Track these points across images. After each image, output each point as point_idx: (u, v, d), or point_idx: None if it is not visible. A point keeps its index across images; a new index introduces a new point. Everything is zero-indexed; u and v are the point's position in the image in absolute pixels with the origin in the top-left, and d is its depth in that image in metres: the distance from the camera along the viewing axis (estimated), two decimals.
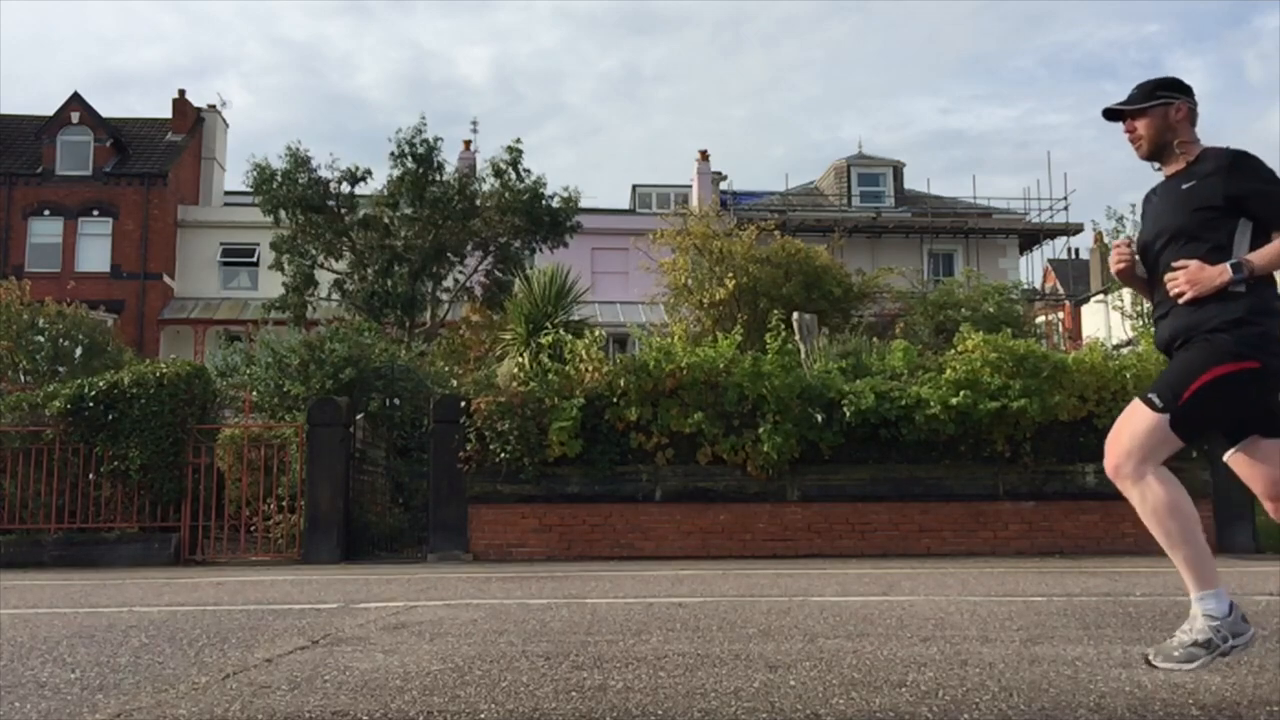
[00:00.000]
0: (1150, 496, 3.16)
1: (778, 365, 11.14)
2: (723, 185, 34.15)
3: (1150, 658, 3.27)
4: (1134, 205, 35.59)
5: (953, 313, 17.94)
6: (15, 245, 30.58)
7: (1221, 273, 3.18)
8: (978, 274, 21.68)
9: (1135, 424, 3.20)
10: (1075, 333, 33.71)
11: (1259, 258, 3.17)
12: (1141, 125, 3.40)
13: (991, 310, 18.01)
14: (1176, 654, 3.18)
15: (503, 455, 11.01)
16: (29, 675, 3.72)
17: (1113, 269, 3.50)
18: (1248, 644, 3.16)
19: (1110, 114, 3.48)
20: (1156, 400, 3.17)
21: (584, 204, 24.41)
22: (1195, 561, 3.14)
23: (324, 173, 22.35)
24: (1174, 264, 3.27)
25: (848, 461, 11.24)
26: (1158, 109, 3.38)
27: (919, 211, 32.70)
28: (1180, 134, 3.37)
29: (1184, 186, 3.31)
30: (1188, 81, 3.46)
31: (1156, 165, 3.47)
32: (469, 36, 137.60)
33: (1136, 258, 3.47)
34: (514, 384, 11.49)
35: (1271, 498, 3.29)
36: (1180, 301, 3.25)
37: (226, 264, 32.14)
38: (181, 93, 34.38)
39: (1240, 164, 3.25)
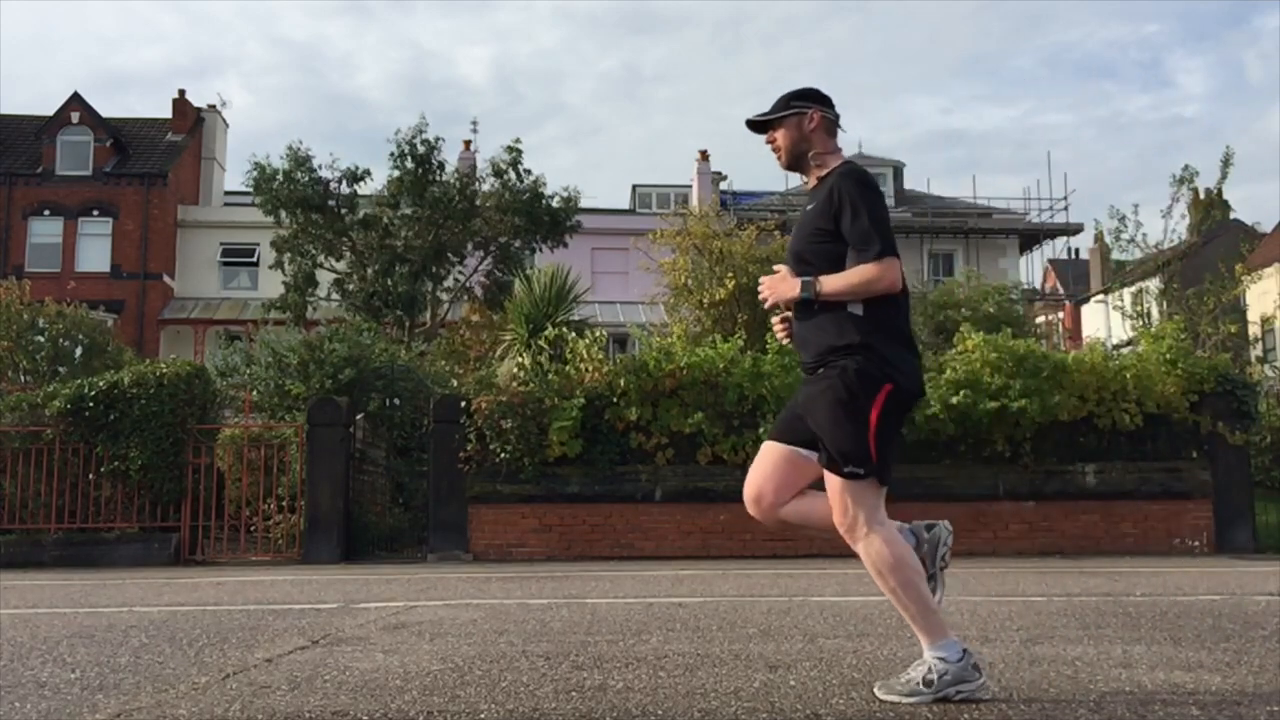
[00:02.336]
0: (881, 556, 3.04)
1: (778, 365, 11.14)
2: (723, 185, 34.15)
3: (876, 689, 3.18)
4: (1136, 205, 35.71)
5: (953, 313, 17.91)
6: (15, 245, 30.57)
7: (793, 287, 3.12)
8: (978, 274, 21.63)
9: (841, 494, 3.07)
10: (1075, 333, 33.73)
11: (830, 281, 3.06)
12: (779, 136, 3.28)
13: (991, 310, 17.99)
14: (899, 688, 3.06)
15: (503, 455, 11.01)
16: (29, 675, 3.72)
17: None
18: (975, 691, 3.03)
19: (752, 125, 3.38)
20: (859, 470, 3.04)
21: (584, 204, 24.41)
22: (923, 612, 3.05)
23: (324, 172, 22.36)
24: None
25: None
26: (792, 119, 3.25)
27: (919, 211, 32.69)
28: (815, 145, 3.24)
29: (809, 206, 3.23)
30: (823, 91, 3.34)
31: (805, 180, 3.37)
32: (469, 36, 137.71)
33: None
34: (514, 384, 11.49)
35: (759, 499, 3.32)
36: (765, 306, 3.24)
37: (226, 264, 32.14)
38: (181, 93, 34.37)
39: (840, 182, 3.12)
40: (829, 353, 3.07)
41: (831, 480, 3.08)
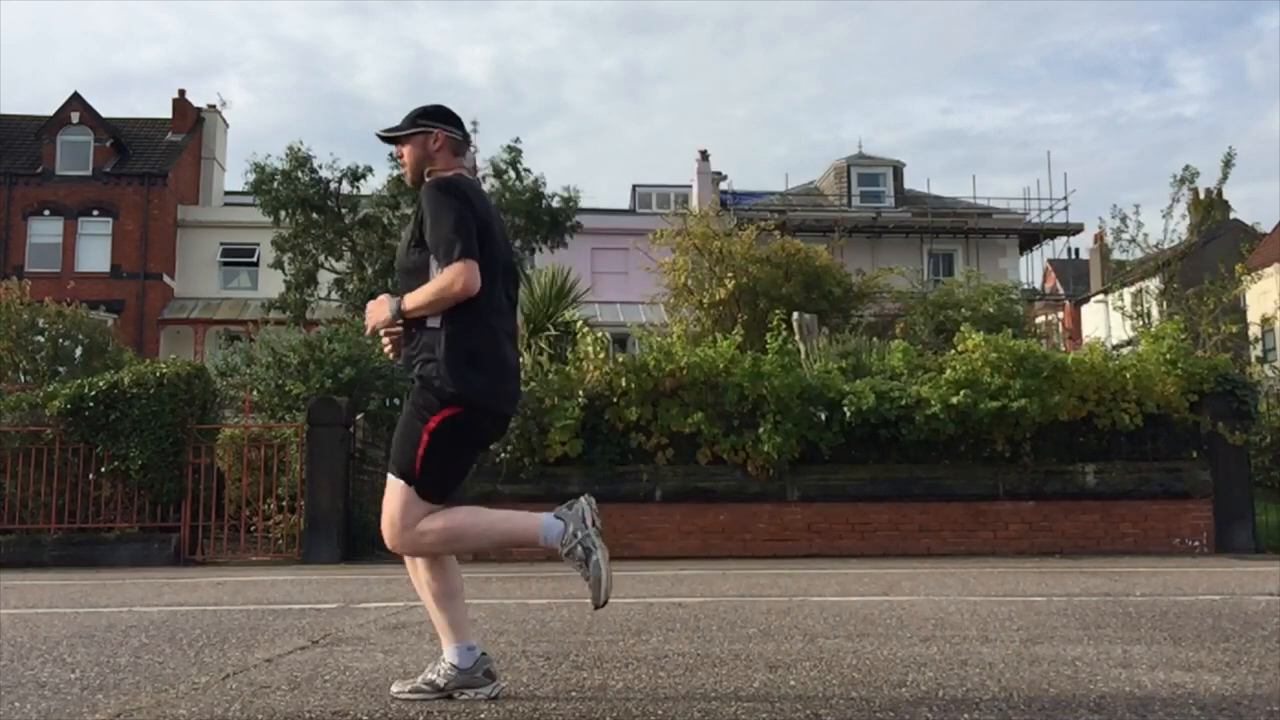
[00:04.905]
0: (436, 542, 3.11)
1: (778, 365, 11.14)
2: (723, 185, 34.13)
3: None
4: (1137, 206, 35.69)
5: (953, 313, 17.91)
6: (15, 245, 30.56)
7: (383, 310, 3.15)
8: (978, 274, 21.63)
9: (394, 498, 3.13)
10: (1075, 333, 33.71)
11: (412, 297, 3.08)
12: (406, 152, 3.30)
13: (991, 310, 17.98)
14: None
15: (503, 455, 11.01)
16: (29, 675, 3.72)
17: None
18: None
19: (382, 139, 3.39)
20: (398, 474, 3.12)
21: (584, 204, 24.41)
22: (509, 530, 3.16)
23: (325, 172, 22.35)
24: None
25: (848, 461, 11.24)
26: (418, 137, 3.27)
27: (919, 211, 32.68)
28: (437, 163, 3.26)
29: (412, 218, 3.25)
30: (452, 110, 3.35)
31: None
32: (470, 36, 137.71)
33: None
34: None
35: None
36: (368, 334, 3.29)
37: (226, 264, 32.13)
38: (181, 93, 34.36)
39: (423, 195, 3.15)
40: (412, 366, 3.13)
41: (390, 480, 3.16)
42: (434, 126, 3.28)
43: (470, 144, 3.41)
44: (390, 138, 3.34)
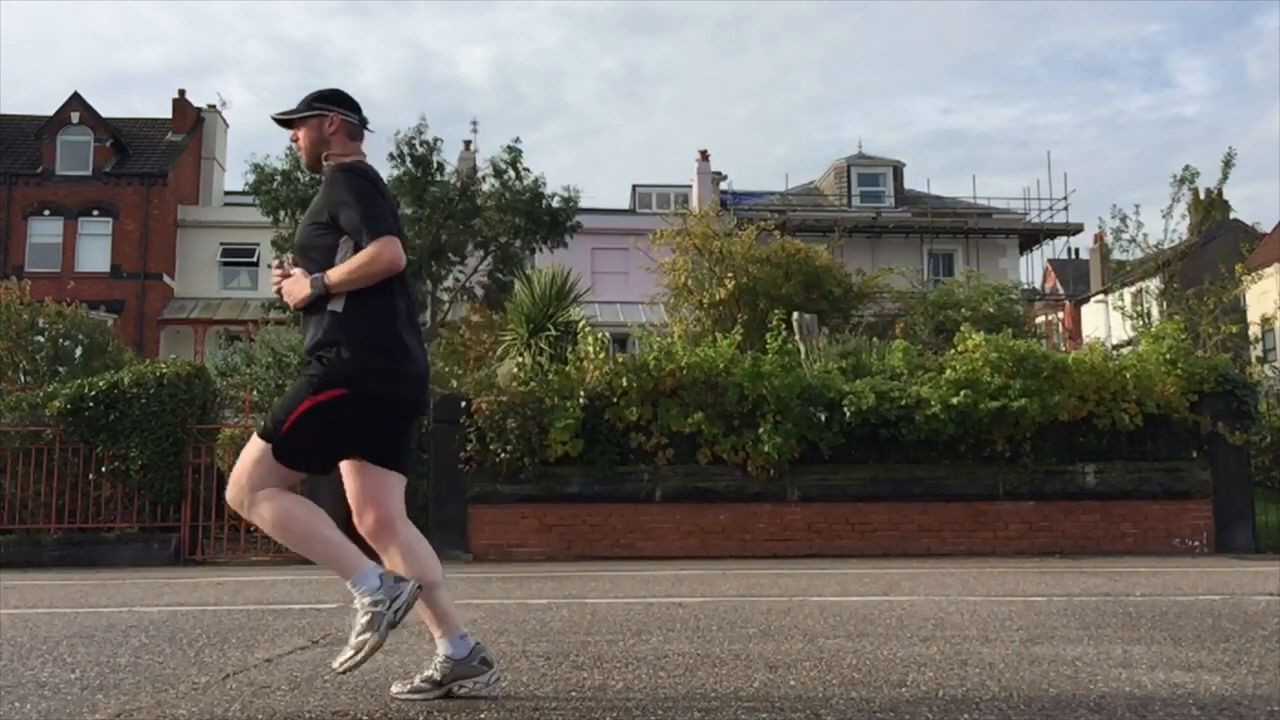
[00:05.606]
0: (267, 519, 3.11)
1: (778, 365, 11.14)
2: (723, 185, 34.11)
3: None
4: (1137, 206, 35.69)
5: (953, 313, 17.91)
6: (15, 245, 30.55)
7: (303, 287, 3.14)
8: (978, 274, 21.63)
9: (248, 453, 3.14)
10: (1075, 333, 33.71)
11: (335, 272, 3.10)
12: (301, 136, 3.32)
13: (991, 310, 17.99)
14: (350, 653, 3.05)
15: (503, 455, 11.01)
16: (29, 675, 3.72)
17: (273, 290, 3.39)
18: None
19: (278, 122, 3.40)
20: (262, 429, 3.13)
21: (584, 204, 24.38)
22: (332, 555, 3.12)
23: None
24: (285, 272, 3.25)
25: (848, 461, 11.24)
26: (313, 120, 3.29)
27: (919, 211, 32.67)
28: (333, 147, 3.28)
29: (315, 201, 3.27)
30: (349, 95, 3.36)
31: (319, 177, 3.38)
32: (470, 36, 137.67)
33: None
34: (514, 384, 11.49)
35: (360, 521, 3.24)
36: (291, 308, 3.26)
37: (226, 264, 32.11)
38: (181, 92, 34.34)
39: (333, 179, 3.19)
40: (313, 349, 3.14)
41: (252, 439, 3.17)
42: (329, 110, 3.29)
43: (366, 128, 3.38)
44: (285, 120, 3.35)
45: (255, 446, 3.12)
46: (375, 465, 3.19)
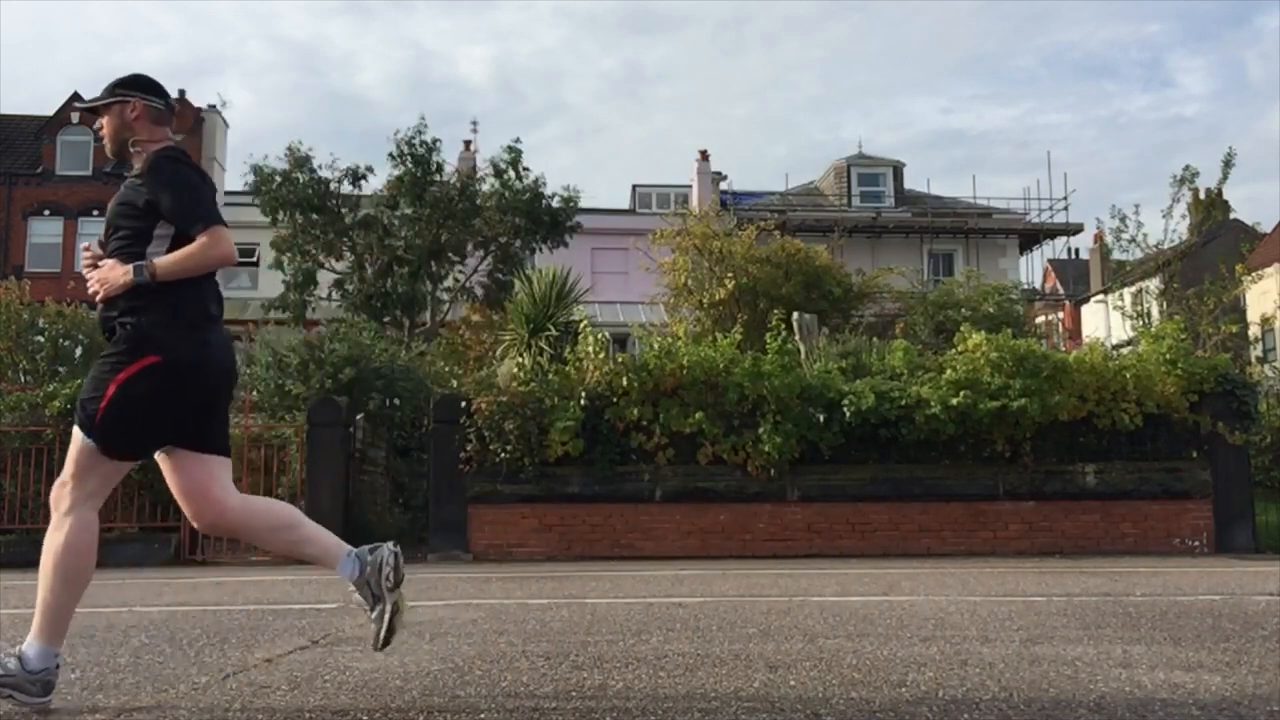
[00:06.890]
0: (60, 538, 3.10)
1: (778, 365, 11.14)
2: (723, 185, 34.12)
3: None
4: (1137, 206, 35.69)
5: (953, 313, 17.91)
6: (15, 245, 30.58)
7: (125, 273, 3.11)
8: (978, 274, 21.64)
9: (72, 449, 3.08)
10: (1075, 333, 33.72)
11: (164, 260, 3.10)
12: (105, 122, 3.29)
13: (991, 310, 17.99)
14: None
15: (503, 455, 11.01)
16: None
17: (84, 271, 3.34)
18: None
19: (82, 109, 3.40)
20: (79, 420, 3.08)
21: (584, 204, 24.39)
22: (54, 613, 3.12)
23: (325, 172, 22.34)
24: (96, 262, 3.23)
25: (848, 461, 11.24)
26: (115, 107, 3.26)
27: (919, 211, 32.69)
28: (138, 133, 3.26)
29: (124, 186, 3.25)
30: (154, 79, 3.35)
31: (127, 168, 3.35)
32: (470, 36, 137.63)
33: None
34: (514, 384, 11.49)
35: (188, 510, 3.22)
36: (96, 301, 3.23)
37: None
38: (181, 92, 34.30)
39: (154, 168, 3.17)
40: (118, 316, 3.13)
41: (74, 432, 3.12)
42: (131, 96, 3.27)
43: (173, 112, 3.37)
44: (89, 107, 3.34)
45: (76, 440, 3.09)
46: (194, 452, 3.16)
